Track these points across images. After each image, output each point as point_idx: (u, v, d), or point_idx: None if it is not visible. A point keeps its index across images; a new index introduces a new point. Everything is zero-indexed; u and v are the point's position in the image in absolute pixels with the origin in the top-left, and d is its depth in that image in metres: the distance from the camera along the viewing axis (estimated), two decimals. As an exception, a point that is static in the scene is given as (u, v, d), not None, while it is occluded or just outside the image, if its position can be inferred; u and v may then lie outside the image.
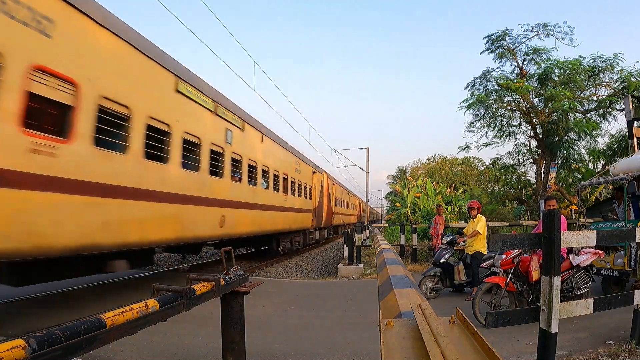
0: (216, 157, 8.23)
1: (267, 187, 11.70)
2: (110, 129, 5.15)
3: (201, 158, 7.59)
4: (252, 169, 10.46)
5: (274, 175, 12.38)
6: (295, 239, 16.16)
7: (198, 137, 7.43)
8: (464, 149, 17.97)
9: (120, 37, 5.35)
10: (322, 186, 20.78)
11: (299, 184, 15.76)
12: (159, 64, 6.27)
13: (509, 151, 19.20)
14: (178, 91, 6.76)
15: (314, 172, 18.86)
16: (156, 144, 6.08)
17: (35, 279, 4.96)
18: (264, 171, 11.43)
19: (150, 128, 5.94)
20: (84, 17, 4.73)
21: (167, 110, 6.49)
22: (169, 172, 6.53)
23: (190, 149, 7.25)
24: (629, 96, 10.41)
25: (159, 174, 6.22)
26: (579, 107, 15.62)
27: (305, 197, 16.96)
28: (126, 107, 5.46)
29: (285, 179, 13.74)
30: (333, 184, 25.22)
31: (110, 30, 5.17)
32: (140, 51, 5.79)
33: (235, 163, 9.34)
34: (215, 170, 8.21)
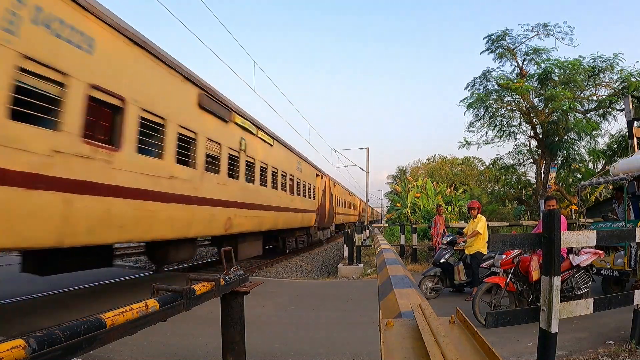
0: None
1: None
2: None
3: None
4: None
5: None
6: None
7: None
8: (464, 144, 17.99)
9: None
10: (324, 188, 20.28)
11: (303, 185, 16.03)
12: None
13: (509, 151, 19.23)
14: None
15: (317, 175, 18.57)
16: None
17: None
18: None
19: None
20: None
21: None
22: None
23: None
24: (629, 96, 10.40)
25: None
26: (579, 107, 15.61)
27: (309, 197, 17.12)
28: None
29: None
30: (334, 185, 24.37)
31: None
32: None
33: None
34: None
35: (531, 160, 17.70)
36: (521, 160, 18.31)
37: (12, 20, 4.03)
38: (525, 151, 17.72)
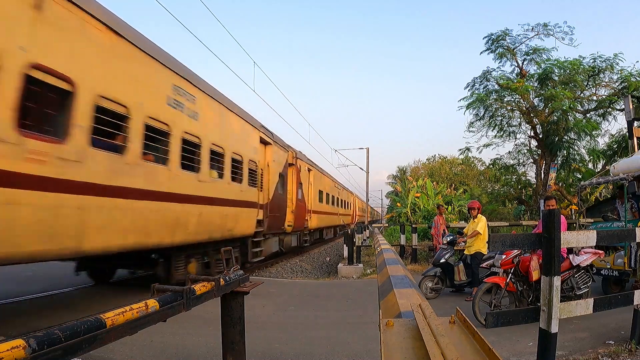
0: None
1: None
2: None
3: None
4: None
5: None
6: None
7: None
8: (464, 151, 18.02)
9: None
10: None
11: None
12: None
13: (509, 151, 19.23)
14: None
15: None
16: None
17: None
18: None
19: None
20: None
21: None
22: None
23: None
24: (629, 96, 10.40)
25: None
26: (579, 107, 15.61)
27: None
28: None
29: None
30: (357, 199, 37.56)
31: None
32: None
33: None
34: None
35: (531, 160, 17.71)
36: (521, 160, 18.33)
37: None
38: (525, 151, 17.73)
